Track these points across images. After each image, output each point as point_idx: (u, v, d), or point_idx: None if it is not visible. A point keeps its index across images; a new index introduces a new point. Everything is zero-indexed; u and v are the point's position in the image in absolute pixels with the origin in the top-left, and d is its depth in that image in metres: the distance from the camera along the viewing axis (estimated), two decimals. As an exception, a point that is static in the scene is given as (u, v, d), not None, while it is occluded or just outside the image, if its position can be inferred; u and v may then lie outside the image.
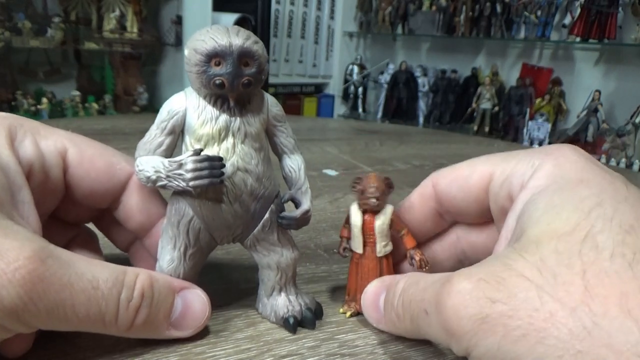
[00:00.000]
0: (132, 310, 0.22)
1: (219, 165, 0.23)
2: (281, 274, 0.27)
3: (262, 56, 0.24)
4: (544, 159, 0.23)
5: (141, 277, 0.23)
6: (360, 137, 0.89)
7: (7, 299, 0.18)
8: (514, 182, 0.24)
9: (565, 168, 0.22)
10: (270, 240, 0.27)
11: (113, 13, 1.94)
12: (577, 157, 0.23)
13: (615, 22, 1.83)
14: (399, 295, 0.24)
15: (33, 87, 1.95)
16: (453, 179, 0.27)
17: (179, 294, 0.24)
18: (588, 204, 0.19)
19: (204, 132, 0.24)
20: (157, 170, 0.24)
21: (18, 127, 0.24)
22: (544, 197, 0.21)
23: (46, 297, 0.19)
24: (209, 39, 0.23)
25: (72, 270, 0.20)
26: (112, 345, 0.24)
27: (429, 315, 0.20)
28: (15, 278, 0.19)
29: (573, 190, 0.20)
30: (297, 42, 2.61)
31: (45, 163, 0.25)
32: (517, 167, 0.24)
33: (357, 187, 0.28)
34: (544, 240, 0.19)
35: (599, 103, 1.87)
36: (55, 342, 0.24)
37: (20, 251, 0.19)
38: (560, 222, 0.19)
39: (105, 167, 0.26)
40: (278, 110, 0.26)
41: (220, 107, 0.24)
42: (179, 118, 0.24)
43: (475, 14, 2.18)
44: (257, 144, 0.25)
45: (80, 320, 0.21)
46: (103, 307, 0.21)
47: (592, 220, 0.18)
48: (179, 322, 0.24)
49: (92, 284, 0.21)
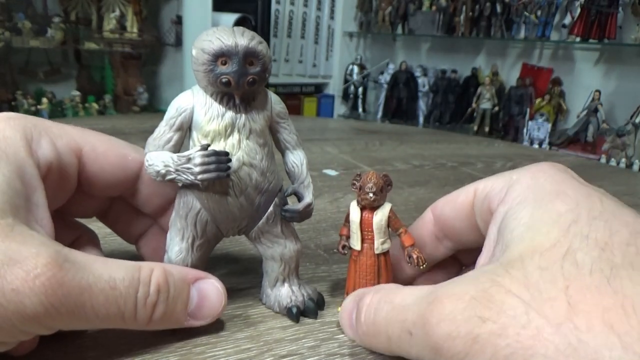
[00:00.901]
0: (150, 306, 0.23)
1: (225, 160, 0.24)
2: (284, 265, 0.28)
3: (267, 56, 0.25)
4: (522, 174, 0.24)
5: (156, 273, 0.23)
6: (360, 137, 0.89)
7: (29, 307, 0.19)
8: (493, 196, 0.25)
9: (541, 180, 0.23)
10: (274, 233, 0.28)
11: (113, 13, 1.94)
12: (554, 170, 0.23)
13: (615, 22, 1.83)
14: (365, 311, 0.23)
15: (33, 87, 1.95)
16: (447, 201, 0.28)
17: (194, 285, 0.25)
18: (566, 219, 0.20)
19: (210, 129, 0.25)
20: (167, 165, 0.25)
21: (32, 127, 0.24)
22: (524, 211, 0.21)
23: (67, 301, 0.20)
24: (216, 39, 0.24)
25: (89, 272, 0.21)
26: (112, 345, 0.24)
27: (413, 336, 0.20)
28: (36, 286, 0.19)
29: (551, 204, 0.21)
30: (297, 42, 2.61)
31: (62, 163, 0.25)
32: (495, 183, 0.25)
33: (356, 183, 0.28)
34: (527, 256, 0.19)
35: (599, 103, 1.87)
36: (57, 342, 0.24)
37: (38, 258, 0.19)
38: (541, 238, 0.19)
39: (118, 161, 0.27)
40: (281, 108, 0.27)
41: (227, 104, 0.25)
42: (186, 115, 0.25)
43: (475, 14, 2.18)
44: (262, 140, 0.26)
45: (100, 320, 0.21)
46: (122, 306, 0.22)
47: (571, 237, 0.19)
48: (196, 312, 0.25)
49: (109, 285, 0.21)
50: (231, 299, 0.30)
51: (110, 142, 0.28)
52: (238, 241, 0.39)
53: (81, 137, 0.26)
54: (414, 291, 0.22)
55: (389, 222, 0.28)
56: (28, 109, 1.81)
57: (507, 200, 0.23)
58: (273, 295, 0.29)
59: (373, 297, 0.23)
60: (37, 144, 0.24)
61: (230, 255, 0.36)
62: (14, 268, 0.19)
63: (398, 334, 0.21)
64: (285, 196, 0.28)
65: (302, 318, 0.28)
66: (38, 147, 0.24)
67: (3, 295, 0.19)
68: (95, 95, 2.01)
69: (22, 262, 0.19)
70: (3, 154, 0.22)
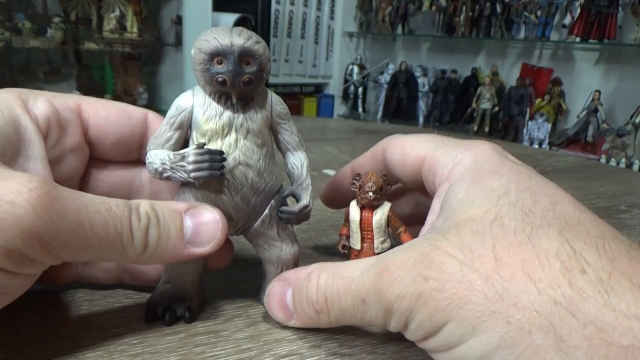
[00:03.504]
0: (143, 229, 0.23)
1: (219, 159, 0.24)
2: (281, 268, 0.28)
3: (264, 55, 0.25)
4: (465, 154, 0.26)
5: (143, 204, 0.24)
6: (360, 137, 0.89)
7: (25, 218, 0.19)
8: (438, 171, 0.27)
9: (481, 162, 0.25)
10: (270, 235, 0.27)
11: (113, 13, 1.94)
12: (493, 153, 0.26)
13: (615, 22, 1.83)
14: (317, 290, 0.24)
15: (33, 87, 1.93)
16: (396, 151, 0.30)
17: (186, 214, 0.25)
18: (497, 193, 0.22)
19: (208, 128, 0.25)
20: (163, 162, 0.25)
21: (27, 92, 0.25)
22: (462, 188, 0.24)
23: (64, 217, 0.20)
24: (212, 38, 0.24)
25: (82, 195, 0.21)
26: (112, 345, 0.24)
27: (367, 303, 0.22)
28: (32, 197, 0.19)
29: (486, 182, 0.23)
30: (297, 42, 2.61)
31: (61, 119, 0.26)
32: (442, 158, 0.27)
33: (356, 183, 0.28)
34: (462, 223, 0.22)
35: (598, 103, 1.87)
36: (55, 342, 0.24)
37: (31, 176, 0.20)
38: (474, 209, 0.22)
39: (120, 111, 0.28)
40: (282, 109, 0.27)
41: (224, 104, 0.25)
42: (186, 114, 0.25)
43: (475, 14, 2.18)
44: (260, 140, 0.26)
45: (100, 243, 0.21)
46: (119, 227, 0.22)
47: (500, 206, 0.22)
48: (194, 239, 0.24)
49: (104, 207, 0.22)
50: (231, 298, 0.30)
51: (107, 101, 0.29)
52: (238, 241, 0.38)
53: (78, 97, 0.27)
54: (360, 264, 0.23)
55: (389, 221, 0.28)
56: (28, 109, 1.81)
57: (450, 178, 0.25)
58: None
59: (320, 275, 0.24)
60: (33, 104, 0.25)
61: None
62: (7, 182, 0.19)
63: (352, 304, 0.23)
64: (282, 197, 0.28)
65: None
66: (34, 105, 0.25)
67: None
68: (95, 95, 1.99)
69: (16, 177, 0.19)
70: None
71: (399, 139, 0.30)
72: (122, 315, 0.27)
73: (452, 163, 0.26)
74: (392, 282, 0.21)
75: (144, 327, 0.26)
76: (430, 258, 0.21)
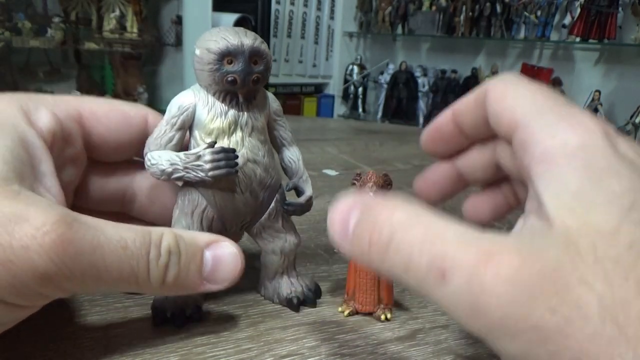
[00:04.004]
0: (162, 267, 0.22)
1: (233, 157, 0.25)
2: (284, 258, 0.29)
3: (269, 55, 0.26)
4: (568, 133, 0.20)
5: (166, 236, 0.23)
6: (360, 137, 0.89)
7: (40, 264, 0.19)
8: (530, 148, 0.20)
9: (592, 151, 0.19)
10: (275, 228, 0.28)
11: (113, 13, 1.94)
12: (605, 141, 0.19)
13: (615, 22, 1.83)
14: (389, 226, 0.18)
15: (33, 87, 1.95)
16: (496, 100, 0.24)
17: (207, 249, 0.24)
18: (622, 202, 0.17)
19: (214, 127, 0.25)
20: (173, 163, 0.25)
21: (27, 100, 0.24)
22: (572, 177, 0.18)
23: (78, 260, 0.20)
24: (221, 38, 0.24)
25: (99, 232, 0.20)
26: (112, 345, 0.24)
27: (447, 282, 0.16)
28: (46, 242, 0.19)
29: (604, 182, 0.18)
30: (297, 42, 2.61)
31: (64, 130, 0.25)
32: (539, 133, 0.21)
33: (356, 183, 0.28)
34: (592, 236, 0.16)
35: (598, 103, 1.87)
36: (56, 342, 0.24)
37: (47, 216, 0.19)
38: (598, 218, 0.17)
39: (121, 117, 0.28)
40: (277, 106, 0.28)
41: (229, 102, 0.26)
42: (189, 114, 0.26)
43: (475, 14, 2.18)
44: (263, 137, 0.27)
45: (114, 281, 0.21)
46: (135, 267, 0.21)
47: (633, 226, 0.16)
48: (211, 276, 0.24)
49: (121, 245, 0.21)
50: (231, 298, 0.30)
51: (109, 102, 0.28)
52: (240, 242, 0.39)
53: (78, 103, 0.27)
54: (458, 226, 0.17)
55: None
56: (28, 109, 1.81)
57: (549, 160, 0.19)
58: (272, 287, 0.29)
59: (403, 210, 0.18)
60: (36, 115, 0.24)
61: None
62: (23, 225, 0.19)
63: (425, 269, 0.17)
64: (287, 190, 0.29)
65: (301, 318, 0.28)
66: (37, 118, 0.24)
67: (12, 252, 0.18)
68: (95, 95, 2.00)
69: (31, 220, 0.19)
70: (3, 126, 0.22)
71: (504, 86, 0.24)
72: (122, 315, 0.27)
73: (551, 141, 0.20)
74: (500, 284, 0.16)
75: (144, 327, 0.26)
76: (561, 279, 0.15)
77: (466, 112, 0.26)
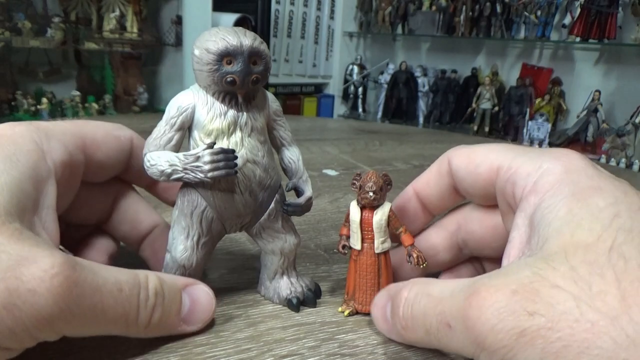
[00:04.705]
0: (150, 309, 0.23)
1: (233, 157, 0.25)
2: (284, 258, 0.29)
3: (268, 55, 0.26)
4: (552, 163, 0.23)
5: (151, 278, 0.23)
6: (360, 137, 0.89)
7: (45, 307, 0.19)
8: (519, 182, 0.24)
9: (576, 174, 0.22)
10: (275, 228, 0.28)
11: (113, 13, 1.94)
12: (584, 163, 0.23)
13: (615, 22, 1.83)
14: (403, 305, 0.23)
15: (33, 87, 1.95)
16: (465, 162, 0.27)
17: (184, 291, 0.25)
18: (607, 214, 0.19)
19: (214, 127, 0.25)
20: (173, 164, 0.25)
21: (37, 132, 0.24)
22: (561, 205, 0.21)
23: (80, 303, 0.20)
24: (220, 39, 0.24)
25: (98, 274, 0.21)
26: (112, 345, 0.24)
27: (452, 329, 0.20)
28: (54, 286, 0.19)
29: (589, 199, 0.20)
30: (297, 42, 2.61)
31: (73, 162, 0.25)
32: (523, 167, 0.24)
33: (356, 183, 0.28)
34: (570, 249, 0.19)
35: (598, 103, 1.87)
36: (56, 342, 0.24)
37: (53, 259, 0.19)
38: (584, 232, 0.19)
39: (116, 145, 0.28)
40: (277, 106, 0.28)
41: (229, 103, 0.26)
42: (188, 114, 0.25)
43: (475, 14, 2.18)
44: (262, 137, 0.27)
45: (107, 323, 0.22)
46: (127, 308, 0.22)
47: (614, 231, 0.19)
48: (188, 317, 0.25)
49: (116, 287, 0.21)
50: (231, 298, 0.30)
51: (103, 127, 0.28)
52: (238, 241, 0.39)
53: (80, 131, 0.27)
54: (452, 283, 0.21)
55: (389, 221, 0.28)
56: (28, 109, 1.81)
57: (539, 191, 0.22)
58: (272, 287, 0.29)
59: (410, 290, 0.23)
60: (48, 147, 0.24)
61: (230, 255, 0.36)
62: (31, 268, 0.19)
63: (436, 327, 0.21)
64: (287, 191, 0.29)
65: (301, 319, 0.28)
66: (49, 150, 0.24)
67: (19, 296, 0.18)
68: (95, 95, 2.01)
69: (39, 262, 0.19)
70: (15, 158, 0.22)
71: (467, 149, 0.28)
72: (122, 315, 0.27)
73: (537, 173, 0.23)
74: (484, 311, 0.18)
75: (144, 327, 0.26)
76: (534, 289, 0.18)
77: (429, 187, 0.29)
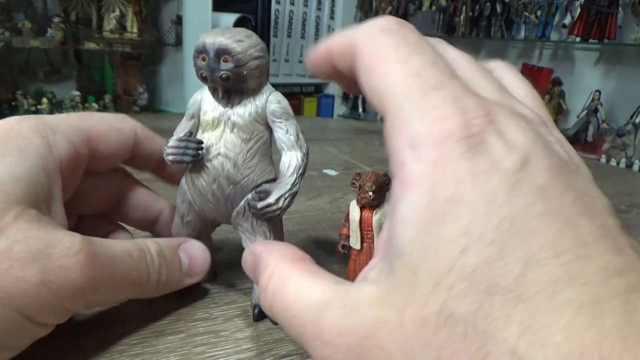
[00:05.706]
0: (157, 269, 0.25)
1: (193, 147, 0.26)
2: None
3: (242, 53, 0.26)
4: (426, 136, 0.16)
5: (150, 243, 0.26)
6: (360, 137, 0.89)
7: (75, 280, 0.21)
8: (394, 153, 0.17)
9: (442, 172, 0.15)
10: (244, 227, 0.28)
11: (113, 13, 1.94)
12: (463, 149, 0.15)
13: (615, 22, 1.83)
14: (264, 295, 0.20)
15: (33, 87, 1.95)
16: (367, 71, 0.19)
17: (180, 249, 0.28)
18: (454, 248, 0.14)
19: (204, 119, 0.27)
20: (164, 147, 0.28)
21: (44, 125, 0.25)
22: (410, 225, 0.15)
23: (103, 273, 0.22)
24: (202, 37, 0.26)
25: (110, 247, 0.23)
26: (112, 345, 0.24)
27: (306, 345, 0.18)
28: (79, 260, 0.21)
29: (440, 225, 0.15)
30: (297, 42, 2.61)
31: (77, 156, 0.26)
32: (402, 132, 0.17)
33: (356, 183, 0.28)
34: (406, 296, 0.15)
35: (599, 103, 1.87)
36: (56, 342, 0.24)
37: (72, 238, 0.22)
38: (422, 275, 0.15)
39: (118, 135, 0.29)
40: (277, 107, 0.27)
41: (218, 98, 0.27)
42: (196, 106, 0.28)
43: (475, 14, 2.18)
44: (245, 135, 0.27)
45: (125, 287, 0.24)
46: (139, 271, 0.24)
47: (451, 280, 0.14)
48: (189, 271, 0.28)
49: (127, 254, 0.24)
50: (231, 298, 0.30)
51: (107, 120, 0.29)
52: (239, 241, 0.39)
53: (84, 125, 0.28)
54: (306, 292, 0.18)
55: (389, 221, 0.28)
56: (28, 109, 1.81)
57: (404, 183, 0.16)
58: (255, 289, 0.28)
59: (269, 281, 0.20)
60: (54, 141, 0.25)
61: (231, 255, 0.36)
62: (57, 247, 0.21)
63: (294, 335, 0.18)
64: (257, 193, 0.27)
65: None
66: (55, 144, 0.25)
67: (52, 272, 0.20)
68: (95, 95, 2.01)
69: (62, 242, 0.21)
70: (26, 150, 0.24)
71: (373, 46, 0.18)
72: (122, 315, 0.27)
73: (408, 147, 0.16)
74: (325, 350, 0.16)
75: (144, 327, 0.26)
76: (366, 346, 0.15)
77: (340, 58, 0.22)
